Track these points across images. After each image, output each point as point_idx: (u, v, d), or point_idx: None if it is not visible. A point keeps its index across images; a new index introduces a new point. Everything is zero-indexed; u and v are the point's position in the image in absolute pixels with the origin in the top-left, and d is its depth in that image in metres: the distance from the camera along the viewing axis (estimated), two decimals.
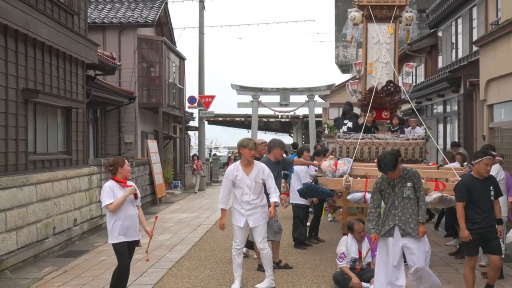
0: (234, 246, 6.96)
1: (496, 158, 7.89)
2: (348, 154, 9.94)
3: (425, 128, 11.51)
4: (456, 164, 9.90)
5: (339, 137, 10.55)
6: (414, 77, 22.47)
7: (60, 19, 10.65)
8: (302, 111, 29.38)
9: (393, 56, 11.39)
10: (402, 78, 13.04)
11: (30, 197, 8.93)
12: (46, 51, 10.09)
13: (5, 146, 8.57)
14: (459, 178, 7.52)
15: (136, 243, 6.37)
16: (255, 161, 7.03)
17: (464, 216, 6.22)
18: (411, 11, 11.48)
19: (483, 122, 12.11)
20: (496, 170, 8.24)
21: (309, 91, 27.11)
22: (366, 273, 7.00)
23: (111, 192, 6.16)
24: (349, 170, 8.53)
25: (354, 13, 11.37)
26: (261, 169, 6.94)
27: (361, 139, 10.29)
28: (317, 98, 27.74)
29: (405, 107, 22.68)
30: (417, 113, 11.37)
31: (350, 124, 11.22)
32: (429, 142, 12.07)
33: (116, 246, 6.20)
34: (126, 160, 6.36)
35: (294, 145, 17.57)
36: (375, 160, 9.39)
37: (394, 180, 6.15)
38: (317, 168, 9.41)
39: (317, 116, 30.73)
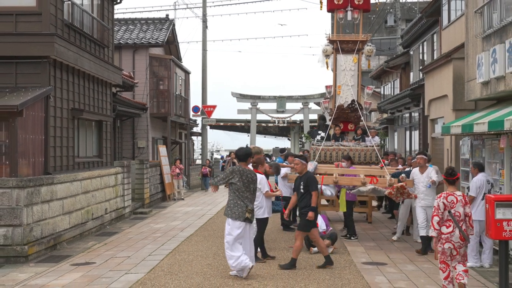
0: None
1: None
2: (320, 157, 12.94)
3: (381, 138, 14.49)
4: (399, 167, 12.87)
5: (313, 144, 13.61)
6: (392, 89, 25.46)
7: (96, 53, 13.69)
8: (298, 117, 31.48)
9: (357, 80, 14.38)
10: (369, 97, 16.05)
11: (77, 190, 11.93)
12: (86, 79, 13.14)
13: (60, 152, 11.61)
14: (389, 176, 10.54)
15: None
16: None
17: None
18: (371, 45, 14.47)
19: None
20: (434, 170, 11.21)
21: (304, 99, 29.93)
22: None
23: None
24: (314, 170, 11.48)
25: (326, 47, 14.36)
26: None
27: (329, 146, 13.34)
28: (311, 105, 30.45)
29: (384, 116, 25.71)
30: (366, 126, 14.22)
31: (323, 134, 14.20)
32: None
33: None
34: None
35: (282, 150, 20.54)
36: (335, 163, 12.45)
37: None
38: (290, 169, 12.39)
39: (312, 121, 33.16)
